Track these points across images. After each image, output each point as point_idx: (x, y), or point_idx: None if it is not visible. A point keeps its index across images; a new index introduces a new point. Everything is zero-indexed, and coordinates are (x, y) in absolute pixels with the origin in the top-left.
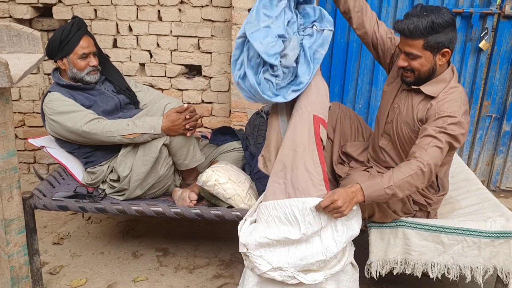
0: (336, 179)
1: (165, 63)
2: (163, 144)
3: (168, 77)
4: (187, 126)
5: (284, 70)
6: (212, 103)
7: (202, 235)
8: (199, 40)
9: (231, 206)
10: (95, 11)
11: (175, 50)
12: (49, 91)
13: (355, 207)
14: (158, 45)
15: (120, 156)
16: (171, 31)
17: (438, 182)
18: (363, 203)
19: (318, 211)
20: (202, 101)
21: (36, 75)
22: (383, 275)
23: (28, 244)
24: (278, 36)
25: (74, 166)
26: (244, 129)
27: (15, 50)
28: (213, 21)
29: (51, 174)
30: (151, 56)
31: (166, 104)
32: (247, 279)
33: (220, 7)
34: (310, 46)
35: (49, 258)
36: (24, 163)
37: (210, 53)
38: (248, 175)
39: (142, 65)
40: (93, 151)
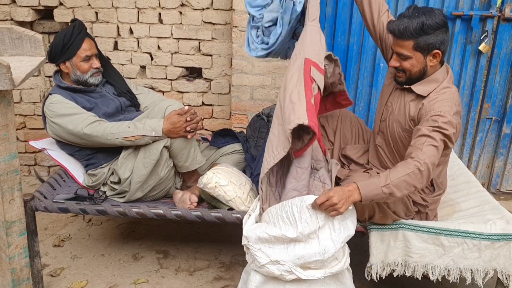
0: (336, 182)
1: (165, 66)
2: (164, 146)
3: (169, 79)
4: (188, 128)
5: (263, 25)
6: (213, 105)
7: (203, 237)
8: (199, 42)
9: (231, 208)
10: (96, 13)
11: (175, 52)
12: (50, 94)
13: (351, 207)
14: (158, 47)
15: (121, 158)
16: (171, 33)
17: (432, 182)
18: (361, 202)
19: (315, 208)
20: (203, 103)
21: (37, 78)
22: (384, 277)
23: (29, 246)
24: None
25: (75, 168)
26: (245, 131)
27: (17, 52)
28: (213, 23)
29: (52, 176)
30: (152, 59)
31: (167, 107)
32: (250, 280)
33: (221, 9)
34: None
35: (49, 260)
36: (25, 165)
37: (211, 55)
38: (249, 177)
39: (143, 67)
40: (94, 153)
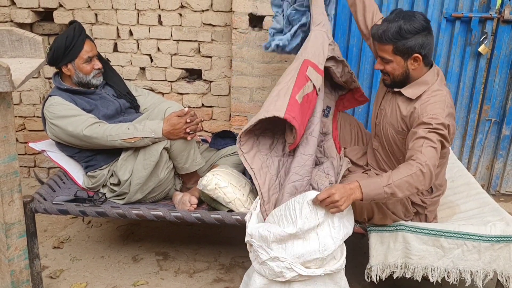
0: None
1: (165, 67)
2: (164, 148)
3: (169, 81)
4: (188, 130)
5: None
6: (212, 107)
7: (202, 239)
8: (199, 44)
9: (231, 210)
10: (96, 15)
11: (175, 54)
12: (50, 95)
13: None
14: (158, 49)
15: (120, 160)
16: (171, 35)
17: None
18: (361, 201)
19: (315, 204)
20: (203, 105)
21: (36, 79)
22: (383, 279)
23: (28, 248)
24: None
25: (75, 170)
26: None
27: (17, 54)
28: (213, 25)
29: (52, 178)
30: (152, 60)
31: (166, 108)
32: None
33: (221, 11)
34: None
35: (49, 262)
36: (25, 167)
37: (211, 57)
38: (249, 179)
39: (143, 69)
40: (93, 155)
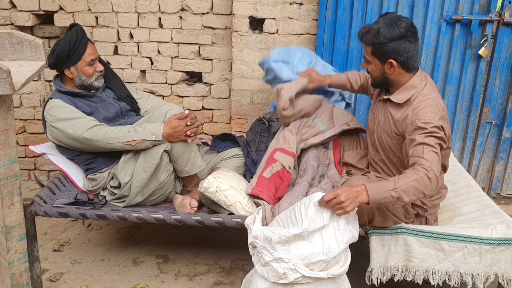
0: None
1: (166, 70)
2: (164, 150)
3: (169, 83)
4: (188, 133)
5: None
6: (213, 109)
7: (203, 242)
8: (199, 47)
9: (231, 213)
10: (96, 18)
11: (176, 57)
12: (50, 98)
13: (353, 212)
14: (159, 52)
15: (121, 162)
16: (172, 38)
17: None
18: (367, 204)
19: (321, 205)
20: (203, 107)
21: (37, 82)
22: (384, 282)
23: (28, 251)
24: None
25: (75, 173)
26: (245, 135)
27: (17, 57)
28: (213, 28)
29: (52, 181)
30: (152, 63)
31: (167, 111)
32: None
33: (221, 14)
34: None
35: (49, 265)
36: (25, 169)
37: (211, 60)
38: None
39: (143, 72)
40: (94, 157)
